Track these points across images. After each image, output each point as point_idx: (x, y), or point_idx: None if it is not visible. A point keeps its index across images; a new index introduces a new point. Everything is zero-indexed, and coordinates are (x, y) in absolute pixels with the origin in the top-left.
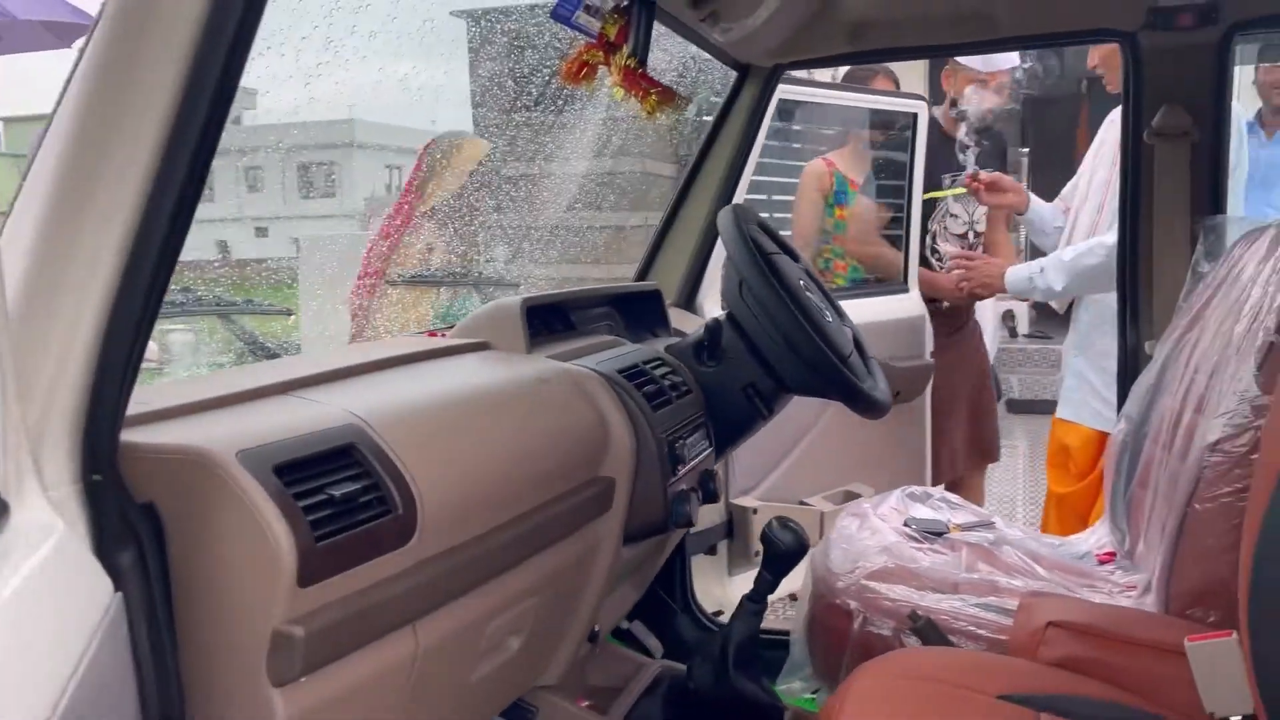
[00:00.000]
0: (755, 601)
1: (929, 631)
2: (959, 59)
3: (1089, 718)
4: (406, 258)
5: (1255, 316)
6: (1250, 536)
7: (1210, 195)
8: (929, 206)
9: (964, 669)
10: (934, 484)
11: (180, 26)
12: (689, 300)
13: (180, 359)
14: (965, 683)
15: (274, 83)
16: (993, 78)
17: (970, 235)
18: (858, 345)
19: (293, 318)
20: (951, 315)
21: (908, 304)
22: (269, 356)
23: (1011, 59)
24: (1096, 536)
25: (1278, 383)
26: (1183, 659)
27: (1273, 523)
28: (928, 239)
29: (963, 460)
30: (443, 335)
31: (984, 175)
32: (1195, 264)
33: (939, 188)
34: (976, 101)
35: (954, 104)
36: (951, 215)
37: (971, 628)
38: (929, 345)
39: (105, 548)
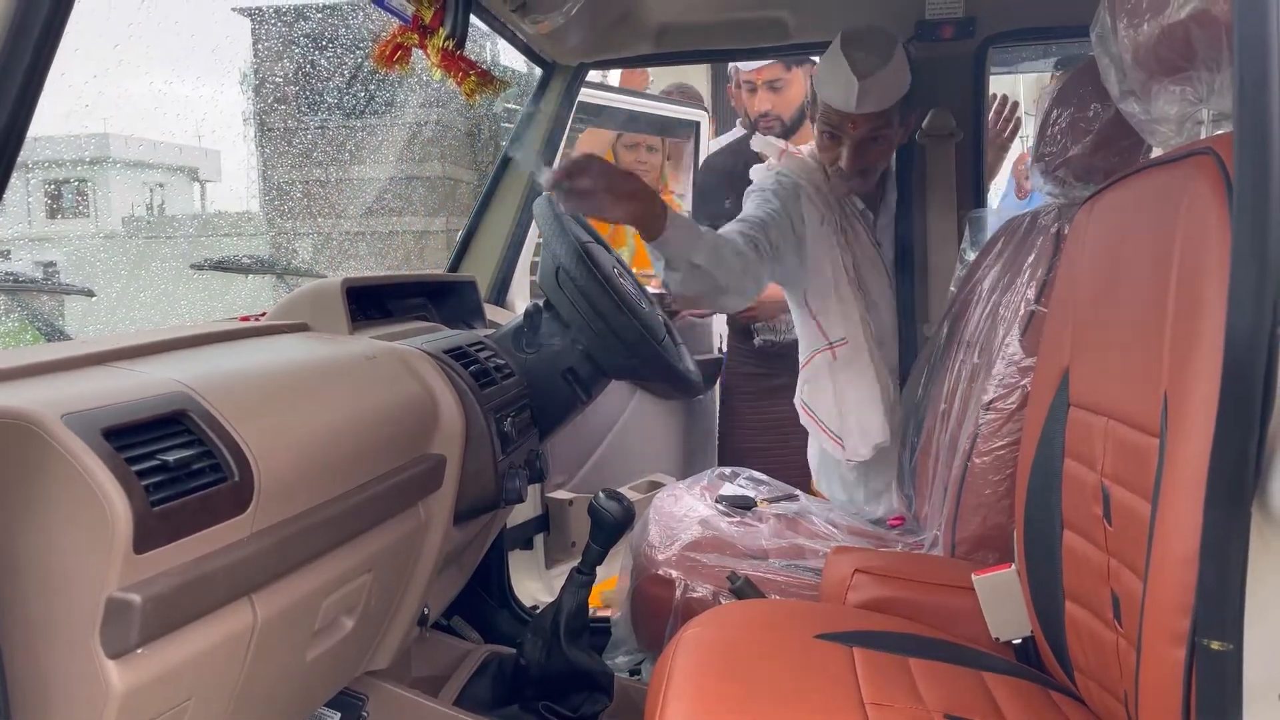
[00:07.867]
0: (584, 573)
1: (747, 589)
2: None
3: (894, 648)
4: None
5: (1019, 291)
6: (1022, 479)
7: (973, 190)
8: None
9: (782, 615)
10: None
11: None
12: (500, 296)
13: None
14: (785, 626)
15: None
16: (759, 75)
17: None
18: (668, 330)
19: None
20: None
21: None
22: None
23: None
24: (886, 504)
25: (1039, 345)
26: (971, 594)
27: (1040, 465)
28: None
29: None
30: (255, 320)
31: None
32: (963, 253)
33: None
34: (769, 106)
35: (751, 121)
36: None
37: (784, 586)
38: (715, 341)
39: None
